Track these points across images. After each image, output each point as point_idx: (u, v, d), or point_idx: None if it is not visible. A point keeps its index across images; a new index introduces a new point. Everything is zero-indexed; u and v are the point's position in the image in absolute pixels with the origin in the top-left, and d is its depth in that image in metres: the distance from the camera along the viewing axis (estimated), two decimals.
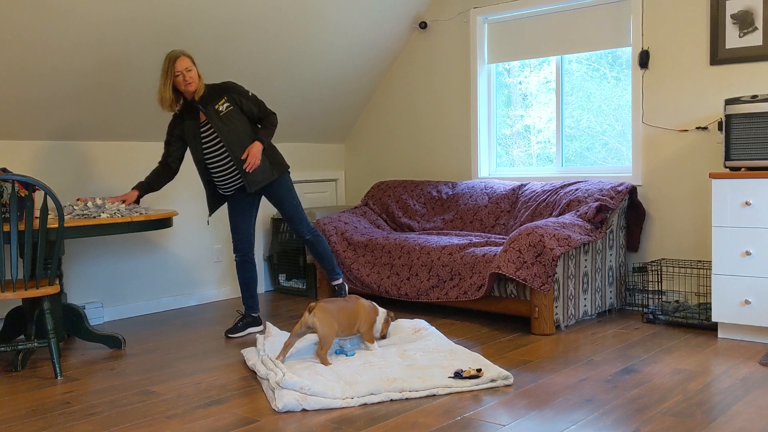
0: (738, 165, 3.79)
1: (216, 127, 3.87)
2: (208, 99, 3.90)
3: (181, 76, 3.79)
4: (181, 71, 3.79)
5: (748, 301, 3.69)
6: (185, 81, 3.80)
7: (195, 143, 3.94)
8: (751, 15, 4.12)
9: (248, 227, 4.17)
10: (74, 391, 3.19)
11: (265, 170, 3.99)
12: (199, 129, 3.93)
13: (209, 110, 3.88)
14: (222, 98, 3.90)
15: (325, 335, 3.29)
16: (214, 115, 3.87)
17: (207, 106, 3.89)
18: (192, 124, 3.93)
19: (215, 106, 3.89)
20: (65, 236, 3.44)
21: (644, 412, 2.75)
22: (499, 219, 4.89)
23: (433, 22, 5.53)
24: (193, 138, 3.93)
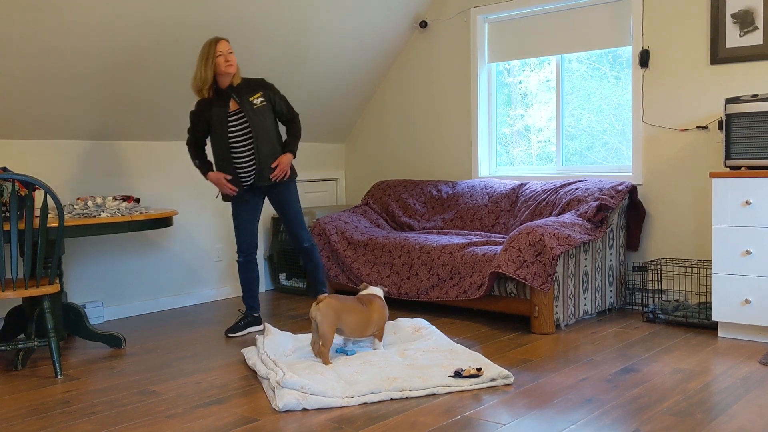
0: (738, 164, 3.78)
1: (249, 118, 3.92)
2: (244, 90, 3.95)
3: (223, 56, 3.84)
4: (223, 53, 3.85)
5: (748, 301, 3.69)
6: (226, 62, 3.85)
7: (221, 130, 3.94)
8: (752, 14, 4.11)
9: (253, 227, 4.17)
10: (74, 390, 3.19)
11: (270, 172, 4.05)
12: (227, 117, 3.94)
13: (243, 101, 3.92)
14: (258, 92, 3.97)
15: (324, 331, 3.28)
16: (248, 106, 3.92)
17: (241, 96, 3.93)
18: (220, 112, 3.94)
19: (250, 98, 3.94)
20: (65, 235, 3.44)
21: (644, 411, 2.76)
22: (499, 218, 4.89)
23: (434, 21, 5.53)
24: (219, 125, 3.94)
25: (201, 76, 3.87)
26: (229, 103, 3.95)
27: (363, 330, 3.42)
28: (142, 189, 4.76)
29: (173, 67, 4.43)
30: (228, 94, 3.94)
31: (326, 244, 5.00)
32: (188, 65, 4.47)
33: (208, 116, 3.98)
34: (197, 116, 4.02)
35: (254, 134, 3.93)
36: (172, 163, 4.94)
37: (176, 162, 4.97)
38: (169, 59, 4.36)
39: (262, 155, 3.97)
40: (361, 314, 3.41)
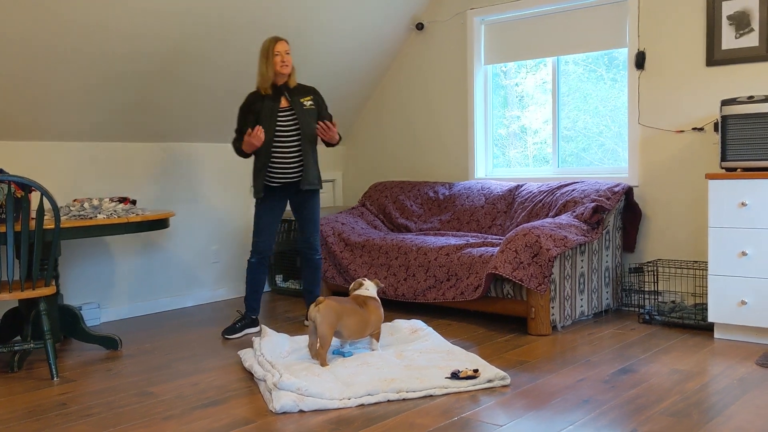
0: (734, 166, 3.80)
1: (299, 116, 4.05)
2: (296, 91, 4.11)
3: (280, 56, 3.99)
4: (281, 52, 3.99)
5: (744, 302, 3.70)
6: (282, 62, 3.99)
7: (269, 123, 4.01)
8: (748, 16, 4.13)
9: (273, 230, 4.19)
10: (71, 392, 3.18)
11: (317, 177, 4.17)
12: (277, 112, 4.04)
13: (295, 99, 4.07)
14: (309, 96, 4.14)
15: (323, 333, 3.28)
16: (299, 105, 4.07)
17: (293, 95, 4.08)
18: (271, 105, 4.03)
19: (301, 99, 4.10)
20: (62, 237, 3.43)
21: (642, 412, 2.76)
22: (495, 220, 4.89)
23: (430, 23, 5.54)
24: (269, 118, 4.01)
25: (264, 74, 4.01)
26: (280, 99, 4.05)
27: (361, 332, 3.43)
28: (138, 191, 4.76)
29: (170, 69, 4.43)
30: (281, 91, 4.06)
31: (323, 245, 5.00)
32: (186, 65, 4.48)
33: (258, 108, 4.03)
34: (247, 108, 4.08)
35: (302, 132, 4.06)
36: (168, 164, 4.94)
37: (173, 164, 4.96)
38: (165, 61, 4.36)
39: (307, 155, 4.08)
40: (359, 316, 3.41)
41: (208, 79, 4.69)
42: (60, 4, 3.67)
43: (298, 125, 4.05)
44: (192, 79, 4.60)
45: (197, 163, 5.12)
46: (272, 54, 3.99)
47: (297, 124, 4.05)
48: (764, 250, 3.63)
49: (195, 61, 4.51)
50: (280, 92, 4.06)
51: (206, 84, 4.70)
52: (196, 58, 4.49)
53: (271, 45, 4.00)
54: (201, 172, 5.14)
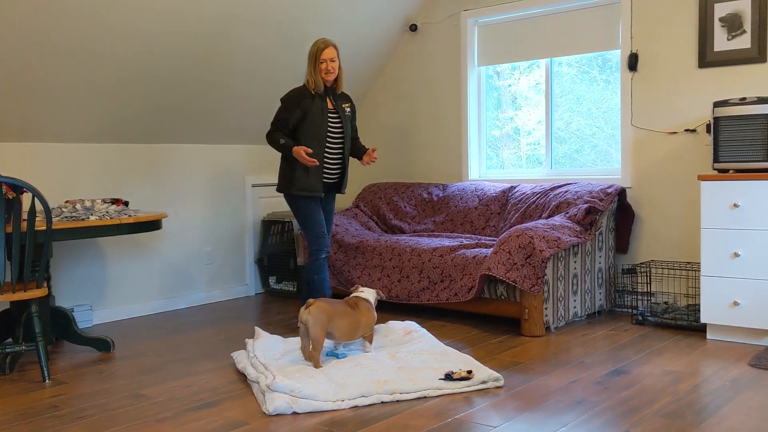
0: (726, 167, 3.81)
1: (343, 120, 4.09)
2: (339, 97, 4.14)
3: (326, 64, 3.98)
4: (326, 60, 3.98)
5: (736, 303, 3.71)
6: (326, 70, 3.98)
7: (322, 120, 4.00)
8: (740, 18, 4.15)
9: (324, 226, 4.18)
10: (63, 394, 3.16)
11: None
12: (328, 111, 4.05)
13: (338, 104, 4.10)
14: (348, 103, 4.19)
15: (315, 335, 3.27)
16: (342, 110, 4.10)
17: (337, 99, 4.11)
18: (322, 104, 4.02)
19: (343, 104, 4.14)
20: (53, 238, 3.41)
21: (635, 413, 2.76)
22: (489, 221, 4.89)
23: (424, 24, 5.54)
24: (320, 115, 4.00)
25: (313, 80, 4.00)
26: (326, 100, 4.06)
27: (353, 333, 3.42)
28: (131, 192, 4.74)
29: (162, 70, 4.41)
30: (328, 93, 4.08)
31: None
32: (179, 67, 4.47)
33: (307, 105, 3.99)
34: (296, 102, 4.01)
35: (345, 137, 4.11)
36: (161, 165, 4.92)
37: (166, 165, 4.95)
38: (158, 62, 4.35)
39: (346, 160, 4.15)
40: (350, 318, 3.41)
41: (201, 81, 4.68)
42: (54, 6, 3.66)
43: (342, 130, 4.09)
44: (185, 81, 4.59)
45: (190, 165, 5.10)
46: (318, 61, 3.98)
47: (341, 128, 4.09)
48: (756, 251, 3.65)
49: (188, 63, 4.49)
50: (326, 93, 4.07)
51: (199, 85, 4.69)
52: (188, 60, 4.48)
53: (318, 51, 3.98)
54: (194, 174, 5.13)
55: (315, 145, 3.99)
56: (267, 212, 5.62)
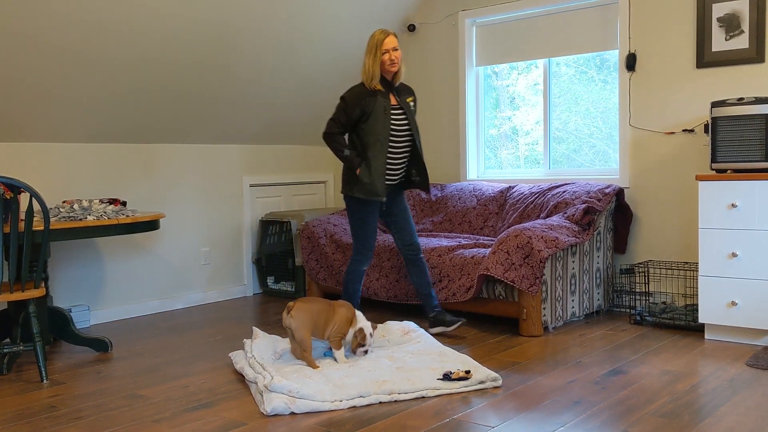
0: (724, 167, 3.81)
1: (408, 116, 3.88)
2: (402, 90, 3.93)
3: (389, 54, 3.77)
4: (389, 50, 3.77)
5: (734, 303, 3.72)
6: (390, 61, 3.77)
7: (384, 119, 3.80)
8: (738, 18, 4.15)
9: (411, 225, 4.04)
10: (60, 394, 3.16)
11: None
12: (391, 108, 3.84)
13: (402, 99, 3.88)
14: (411, 96, 3.96)
15: (301, 337, 3.28)
16: (406, 105, 3.89)
17: (400, 94, 3.90)
18: (384, 101, 3.82)
19: (407, 99, 3.92)
20: (51, 239, 3.41)
21: (632, 413, 2.77)
22: (487, 221, 4.89)
23: (422, 24, 5.54)
24: (383, 113, 3.80)
25: (370, 71, 3.78)
26: (389, 96, 3.86)
27: (323, 332, 3.38)
28: (128, 192, 4.74)
29: (160, 70, 4.41)
30: (390, 88, 3.86)
31: (315, 246, 4.99)
32: (176, 67, 4.46)
33: (368, 103, 3.79)
34: (354, 101, 3.81)
35: (413, 131, 3.90)
36: (159, 165, 4.92)
37: (163, 165, 4.94)
38: (156, 61, 4.34)
39: (419, 154, 3.92)
40: (327, 315, 3.39)
41: (199, 82, 4.68)
42: (52, 6, 3.65)
43: (409, 126, 3.87)
44: (182, 81, 4.58)
45: (188, 165, 5.10)
46: (380, 50, 3.75)
47: (407, 124, 3.87)
48: (754, 251, 3.65)
49: (185, 63, 4.49)
50: (389, 89, 3.85)
51: (196, 85, 4.69)
52: (186, 62, 4.48)
53: (379, 40, 3.75)
54: (191, 174, 5.13)
55: (378, 146, 3.79)
56: (265, 212, 5.62)
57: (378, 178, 3.80)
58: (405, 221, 4.03)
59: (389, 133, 3.81)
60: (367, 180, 3.80)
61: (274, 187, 5.72)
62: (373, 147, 3.79)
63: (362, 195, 3.82)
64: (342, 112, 3.85)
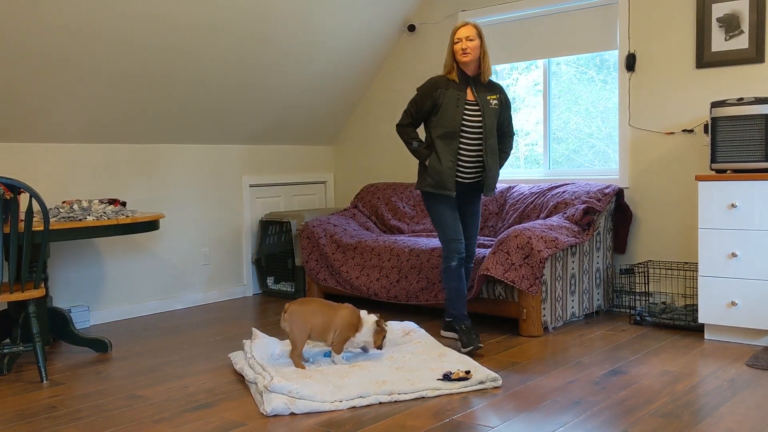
0: (724, 167, 3.81)
1: (483, 113, 3.65)
2: (484, 86, 3.71)
3: (461, 43, 3.60)
4: (462, 39, 3.60)
5: (734, 303, 3.71)
6: (462, 50, 3.59)
7: (455, 113, 3.61)
8: (737, 18, 4.15)
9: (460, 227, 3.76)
10: (60, 395, 3.16)
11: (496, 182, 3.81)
12: (465, 102, 3.64)
13: (482, 96, 3.68)
14: (496, 95, 3.74)
15: (294, 338, 3.27)
16: (485, 102, 3.67)
17: (480, 91, 3.69)
18: (459, 94, 3.63)
19: (488, 96, 3.70)
20: (51, 239, 3.41)
21: (632, 413, 2.77)
22: (487, 221, 4.89)
23: (422, 24, 5.54)
24: (454, 106, 3.61)
25: (446, 62, 3.68)
26: (466, 90, 3.66)
27: (324, 334, 3.34)
28: (128, 192, 4.74)
29: (160, 70, 4.41)
30: (468, 82, 3.67)
31: (315, 247, 4.99)
32: (177, 66, 4.46)
33: (439, 96, 3.64)
34: (428, 92, 3.68)
35: (485, 133, 3.66)
36: (159, 165, 4.92)
37: (163, 165, 4.94)
38: (156, 62, 4.34)
39: (490, 158, 3.69)
40: (325, 317, 3.33)
41: (199, 82, 4.68)
42: (50, 7, 3.65)
43: (482, 124, 3.65)
44: (182, 81, 4.58)
45: (187, 165, 5.10)
46: (453, 40, 3.61)
47: (480, 122, 3.65)
48: (754, 251, 3.65)
49: (185, 64, 4.49)
50: (467, 82, 3.67)
51: (196, 85, 4.69)
52: (185, 62, 4.48)
53: (454, 29, 3.64)
54: (191, 174, 5.12)
55: (447, 140, 3.61)
56: (265, 212, 5.62)
57: (446, 172, 3.64)
58: (469, 226, 3.85)
59: (459, 128, 3.62)
60: (435, 174, 3.66)
61: (273, 187, 5.72)
62: (442, 141, 3.63)
63: (431, 189, 3.68)
64: (414, 103, 3.74)
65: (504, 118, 3.80)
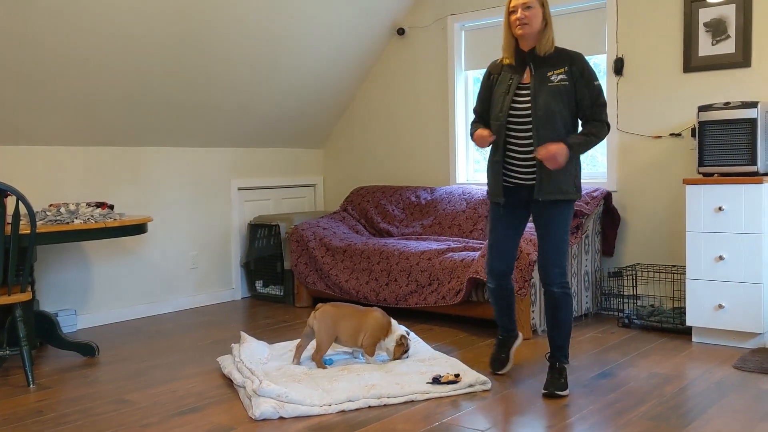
0: (711, 171, 3.84)
1: (534, 97, 2.98)
2: (547, 60, 3.01)
3: (517, 13, 2.98)
4: (518, 7, 2.98)
5: (721, 306, 3.74)
6: (519, 20, 2.97)
7: (503, 101, 3.04)
8: (724, 23, 4.18)
9: (509, 246, 3.20)
10: (47, 399, 3.13)
11: (566, 183, 3.02)
12: (517, 87, 3.03)
13: (539, 72, 2.99)
14: (562, 67, 3.00)
15: (320, 340, 3.31)
16: (540, 80, 2.99)
17: (540, 67, 3.01)
18: (512, 77, 3.05)
19: (549, 72, 2.99)
20: (38, 242, 3.39)
21: (621, 416, 2.77)
22: (477, 224, 4.90)
23: (411, 28, 5.55)
24: (504, 93, 3.04)
25: (503, 43, 3.07)
26: (524, 72, 3.04)
27: (354, 338, 3.38)
28: (116, 195, 4.71)
29: (148, 72, 4.39)
30: (525, 61, 3.04)
31: (304, 250, 4.98)
32: (164, 70, 4.44)
33: (493, 82, 3.13)
34: (485, 79, 3.19)
35: (535, 120, 2.97)
36: (146, 169, 4.89)
37: (151, 168, 4.92)
38: (144, 64, 4.32)
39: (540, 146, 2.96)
40: (355, 321, 3.37)
41: (186, 84, 4.66)
42: (35, 10, 3.63)
43: (531, 111, 2.99)
44: (170, 83, 4.57)
45: (175, 168, 5.07)
46: (507, 12, 3.02)
47: (530, 107, 3.00)
48: (741, 254, 3.67)
49: (173, 67, 4.47)
50: (525, 62, 3.04)
51: (184, 88, 4.67)
52: (173, 64, 4.46)
53: (508, 2, 3.03)
54: (179, 177, 5.10)
55: (495, 135, 3.06)
56: (253, 216, 5.60)
57: (492, 174, 3.11)
58: (542, 238, 3.09)
59: (506, 119, 3.03)
60: (487, 176, 3.17)
61: (262, 190, 5.71)
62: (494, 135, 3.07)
63: (487, 195, 3.22)
64: (478, 95, 3.24)
65: (583, 96, 2.99)
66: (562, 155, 2.92)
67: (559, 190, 3.01)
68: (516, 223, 3.16)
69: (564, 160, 2.93)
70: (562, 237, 3.07)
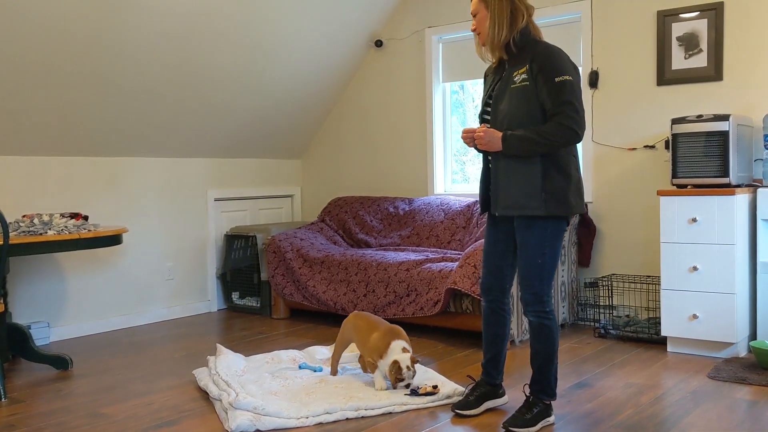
0: (684, 182, 3.89)
1: (494, 97, 2.78)
2: (517, 58, 2.75)
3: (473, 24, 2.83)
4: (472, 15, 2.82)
5: (695, 316, 3.78)
6: (473, 31, 2.85)
7: (482, 105, 2.89)
8: (697, 37, 4.26)
9: (498, 264, 2.89)
10: (19, 413, 3.08)
11: (526, 195, 2.70)
12: (492, 90, 2.83)
13: (507, 73, 2.76)
14: (524, 65, 2.71)
15: (336, 344, 3.47)
16: (505, 82, 2.76)
17: (511, 66, 2.77)
18: (491, 80, 2.88)
19: (514, 72, 2.74)
20: (10, 254, 3.33)
21: (598, 426, 2.79)
22: (455, 235, 4.92)
23: (389, 40, 5.57)
24: (484, 97, 2.89)
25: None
26: (502, 73, 2.81)
27: (361, 351, 3.40)
28: (90, 206, 4.65)
29: (122, 82, 4.36)
30: (503, 62, 2.82)
31: (281, 261, 4.96)
32: (141, 78, 4.41)
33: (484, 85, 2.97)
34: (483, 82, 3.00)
35: (494, 128, 2.75)
36: (121, 179, 4.85)
37: (126, 178, 4.87)
38: (119, 74, 4.29)
39: (497, 161, 2.76)
40: (362, 335, 3.33)
41: (163, 95, 4.63)
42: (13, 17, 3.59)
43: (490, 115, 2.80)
44: (145, 93, 4.54)
45: (151, 178, 5.03)
46: None
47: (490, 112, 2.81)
48: (714, 264, 3.72)
49: (148, 76, 4.45)
50: (503, 63, 2.82)
51: (161, 99, 4.64)
52: (148, 74, 4.43)
53: None
54: (155, 187, 5.06)
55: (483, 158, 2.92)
56: (230, 226, 5.57)
57: (480, 183, 2.92)
58: (519, 259, 2.81)
59: (481, 124, 2.87)
60: None
61: (239, 201, 5.68)
62: None
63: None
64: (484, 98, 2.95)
65: (542, 94, 2.68)
66: (486, 138, 2.69)
67: (516, 204, 2.71)
68: (503, 237, 2.86)
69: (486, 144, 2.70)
70: (535, 260, 2.72)
